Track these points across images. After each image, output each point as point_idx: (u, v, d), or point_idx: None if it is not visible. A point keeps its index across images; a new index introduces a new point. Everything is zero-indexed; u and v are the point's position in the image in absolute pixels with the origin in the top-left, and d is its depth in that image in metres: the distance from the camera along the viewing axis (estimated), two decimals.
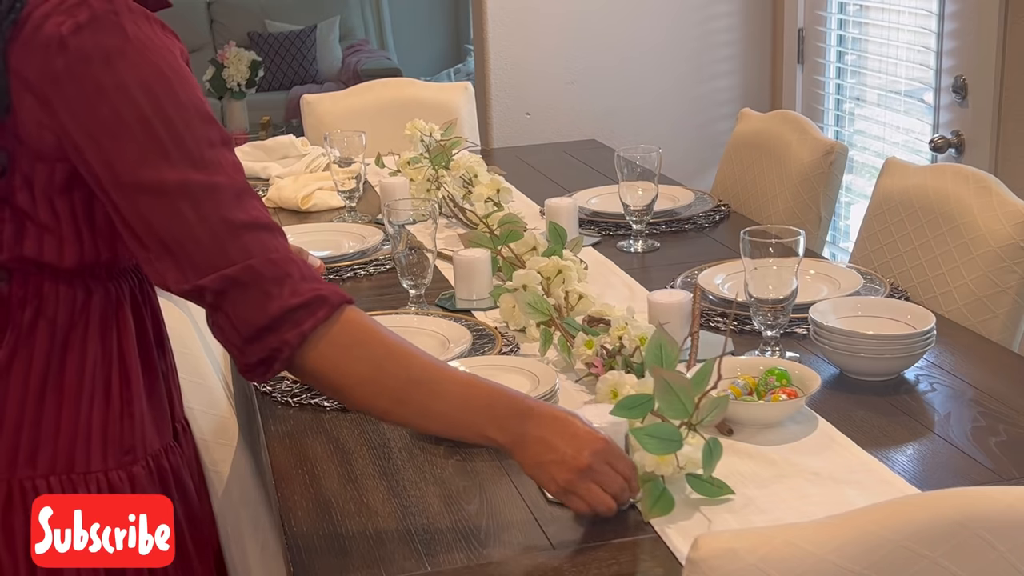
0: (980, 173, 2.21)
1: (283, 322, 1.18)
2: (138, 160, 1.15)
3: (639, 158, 2.37)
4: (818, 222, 2.68)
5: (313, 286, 1.20)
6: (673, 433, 1.35)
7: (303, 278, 1.19)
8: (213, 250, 1.16)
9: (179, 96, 1.17)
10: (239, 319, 1.18)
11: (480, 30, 3.80)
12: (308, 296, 1.19)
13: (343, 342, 1.21)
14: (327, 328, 1.20)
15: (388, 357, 1.25)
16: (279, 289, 1.18)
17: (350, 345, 1.22)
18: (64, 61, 1.13)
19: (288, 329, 1.18)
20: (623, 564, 1.27)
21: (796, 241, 1.71)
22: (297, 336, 1.18)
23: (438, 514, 1.38)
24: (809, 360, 1.79)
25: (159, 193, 1.15)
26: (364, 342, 1.23)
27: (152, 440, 1.32)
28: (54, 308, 1.23)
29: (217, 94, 6.26)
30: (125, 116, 1.14)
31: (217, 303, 1.18)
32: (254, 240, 1.18)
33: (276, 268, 1.18)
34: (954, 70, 2.97)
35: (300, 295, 1.18)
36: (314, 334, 1.19)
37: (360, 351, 1.23)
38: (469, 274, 2.05)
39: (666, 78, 3.92)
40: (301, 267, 1.20)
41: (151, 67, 1.16)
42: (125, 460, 1.28)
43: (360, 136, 2.66)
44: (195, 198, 1.16)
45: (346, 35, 7.74)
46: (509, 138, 3.80)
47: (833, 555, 0.93)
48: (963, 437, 1.54)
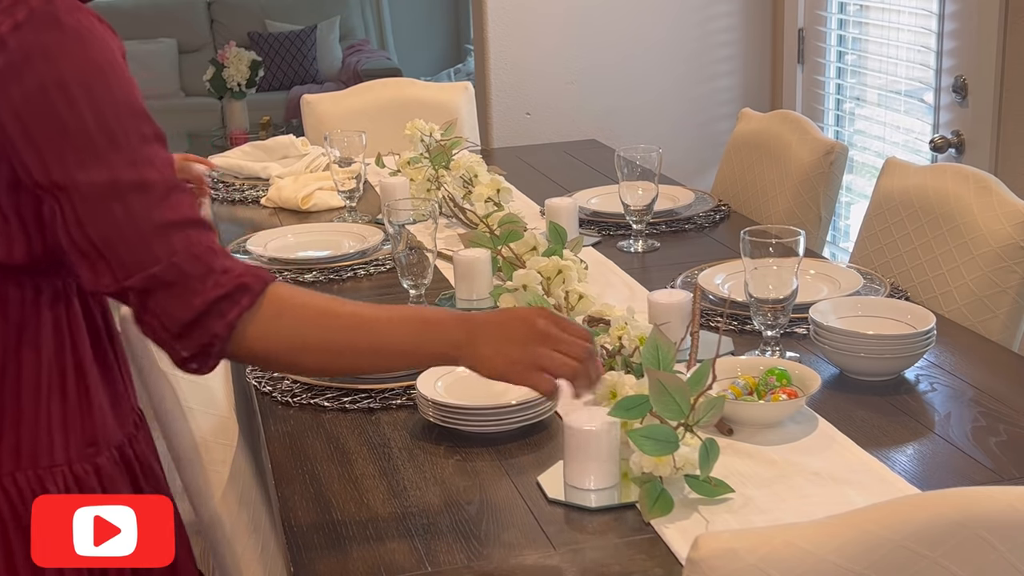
0: (980, 173, 2.21)
1: (209, 315, 1.19)
2: (71, 160, 1.15)
3: (639, 158, 2.37)
4: (818, 222, 2.68)
5: (235, 276, 1.21)
6: (669, 434, 1.35)
7: (224, 271, 1.20)
8: (141, 250, 1.17)
9: (114, 92, 1.17)
10: (166, 316, 1.19)
11: (480, 30, 3.80)
12: (230, 287, 1.20)
13: (270, 319, 1.23)
14: (252, 313, 1.21)
15: (317, 317, 1.26)
16: (202, 284, 1.19)
17: (277, 319, 1.23)
18: (4, 59, 1.13)
19: (215, 320, 1.19)
20: (623, 564, 1.27)
21: (796, 241, 1.71)
22: (224, 327, 1.20)
23: (438, 514, 1.38)
24: (809, 360, 1.79)
25: (91, 194, 1.16)
26: (290, 311, 1.24)
27: (114, 431, 1.33)
28: (5, 306, 1.24)
29: (217, 94, 6.26)
30: (62, 114, 1.14)
31: (143, 302, 1.19)
32: (180, 238, 1.18)
33: (199, 263, 1.19)
34: (954, 70, 2.97)
35: (222, 286, 1.19)
36: (240, 321, 1.21)
37: (288, 321, 1.24)
38: (469, 274, 2.05)
39: (666, 78, 3.92)
40: (224, 259, 1.22)
41: (89, 62, 1.16)
42: (89, 452, 1.29)
43: (360, 136, 2.66)
44: (125, 198, 1.16)
45: (346, 35, 7.74)
46: (509, 138, 3.80)
47: (833, 555, 0.93)
48: (963, 437, 1.54)
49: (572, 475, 1.41)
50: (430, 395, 1.59)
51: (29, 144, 1.15)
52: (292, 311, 1.24)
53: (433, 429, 1.59)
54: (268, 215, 2.78)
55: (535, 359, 1.28)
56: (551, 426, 1.59)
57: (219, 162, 3.09)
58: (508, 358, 1.28)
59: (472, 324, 1.30)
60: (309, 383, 1.74)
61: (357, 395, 1.69)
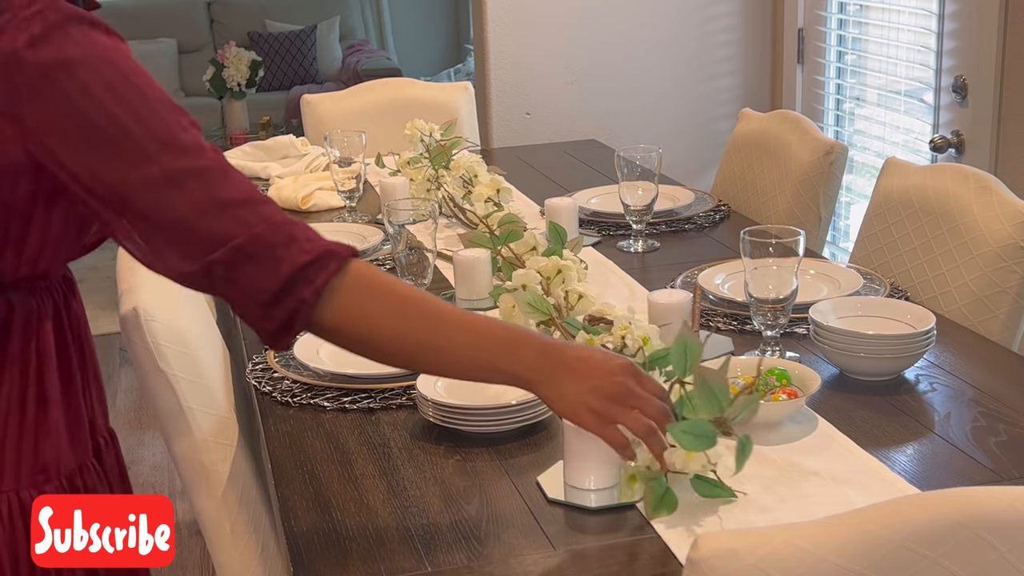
0: (980, 173, 2.21)
1: (297, 281, 1.18)
2: (121, 163, 1.15)
3: (639, 158, 2.37)
4: (818, 222, 2.68)
5: (320, 243, 1.21)
6: (708, 431, 1.34)
7: (308, 238, 1.20)
8: (215, 229, 1.17)
9: (143, 90, 1.17)
10: (254, 287, 1.18)
11: (480, 30, 3.80)
12: (317, 252, 1.20)
13: (357, 293, 1.22)
14: (339, 280, 1.21)
15: (404, 303, 1.25)
16: (287, 251, 1.18)
17: (365, 295, 1.23)
18: (23, 76, 1.13)
19: (303, 287, 1.19)
20: (623, 564, 1.27)
21: (796, 241, 1.71)
22: (312, 293, 1.19)
23: (438, 514, 1.38)
24: (809, 360, 1.79)
25: (149, 189, 1.15)
26: (378, 291, 1.24)
27: (67, 459, 1.31)
28: None
29: (217, 94, 6.26)
30: (97, 121, 1.14)
31: (229, 276, 1.18)
32: (251, 213, 1.18)
33: (280, 232, 1.19)
34: (954, 70, 2.97)
35: (308, 253, 1.19)
36: (327, 288, 1.20)
37: (376, 300, 1.24)
38: (469, 274, 2.05)
39: (666, 78, 3.92)
40: (304, 229, 1.21)
41: (109, 67, 1.16)
42: (38, 479, 1.27)
43: (360, 136, 2.66)
44: (183, 185, 1.16)
45: (346, 35, 7.74)
46: (509, 138, 3.80)
47: (833, 555, 0.93)
48: (963, 437, 1.54)
49: (572, 475, 1.40)
50: (430, 395, 1.59)
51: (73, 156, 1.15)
52: (380, 293, 1.24)
53: (433, 429, 1.59)
54: None
55: (613, 415, 1.26)
56: (551, 426, 1.59)
57: None
58: (587, 406, 1.26)
59: (556, 357, 1.27)
60: (309, 383, 1.74)
61: (357, 395, 1.70)
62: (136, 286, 1.66)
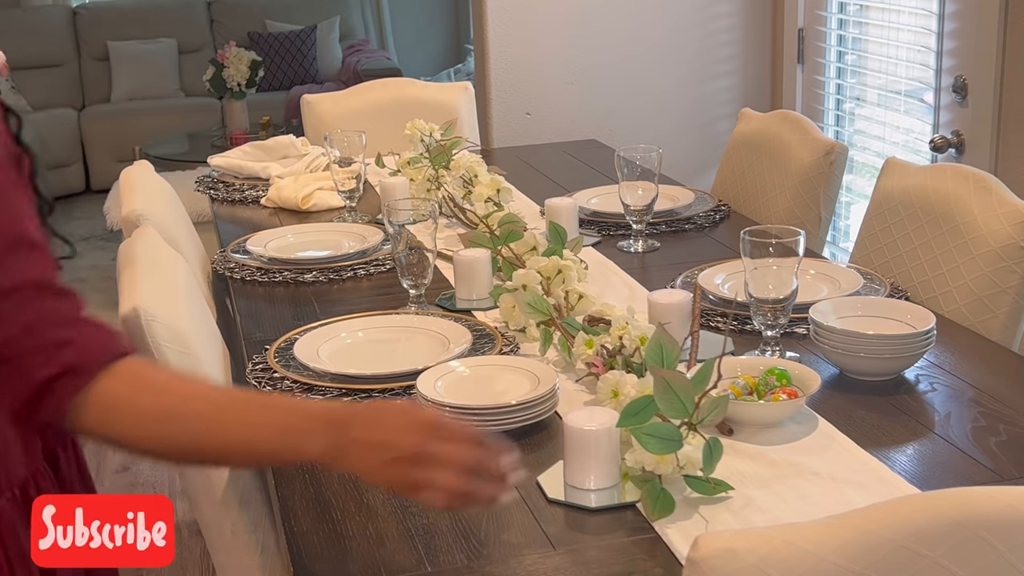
0: (980, 173, 2.21)
1: (43, 394, 1.15)
2: None
3: (639, 158, 2.37)
4: (818, 222, 2.68)
5: (68, 353, 1.16)
6: (673, 433, 1.35)
7: (59, 344, 1.15)
8: None
9: None
10: (9, 390, 1.16)
11: (480, 30, 3.80)
12: (62, 366, 1.15)
13: (114, 405, 1.18)
14: (85, 396, 1.16)
15: (174, 405, 1.19)
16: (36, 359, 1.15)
17: (124, 404, 1.18)
18: None
19: (50, 400, 1.16)
20: (623, 564, 1.27)
21: (796, 241, 1.71)
22: (56, 410, 1.16)
23: (438, 514, 1.38)
24: (809, 360, 1.79)
25: None
26: (144, 395, 1.19)
27: (18, 468, 1.27)
28: None
29: (217, 94, 6.25)
30: None
31: None
32: (15, 307, 1.14)
33: (36, 336, 1.15)
34: (954, 70, 2.97)
35: (55, 365, 1.15)
36: (71, 404, 1.16)
37: (136, 409, 1.19)
38: (469, 274, 2.05)
39: (666, 78, 3.92)
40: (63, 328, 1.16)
41: None
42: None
43: (360, 136, 2.66)
44: None
45: (346, 35, 7.74)
46: (509, 138, 3.80)
47: (833, 555, 0.93)
48: (963, 437, 1.54)
49: (572, 475, 1.41)
50: (430, 395, 1.59)
51: None
52: (138, 394, 1.18)
53: None
54: (268, 215, 2.78)
55: (416, 483, 1.14)
56: (551, 426, 1.59)
57: (219, 162, 3.09)
58: (387, 479, 1.16)
59: (343, 433, 1.16)
60: (309, 383, 1.73)
61: (357, 395, 1.69)
62: (136, 286, 1.66)
